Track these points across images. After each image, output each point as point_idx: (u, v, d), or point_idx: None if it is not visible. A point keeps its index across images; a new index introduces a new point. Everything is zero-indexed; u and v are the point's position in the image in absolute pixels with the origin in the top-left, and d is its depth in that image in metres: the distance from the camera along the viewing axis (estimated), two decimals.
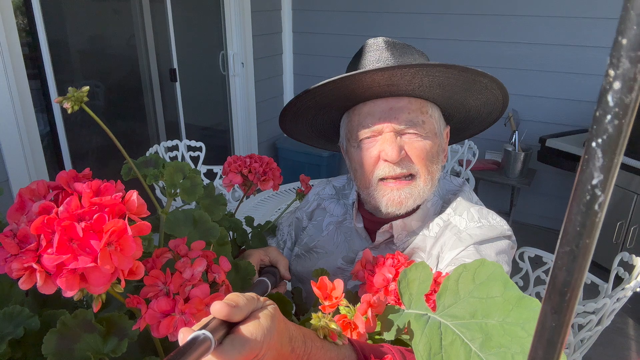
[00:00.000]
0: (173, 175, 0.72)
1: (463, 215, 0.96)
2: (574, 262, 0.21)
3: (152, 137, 3.40)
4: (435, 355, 0.58)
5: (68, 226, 0.46)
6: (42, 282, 0.47)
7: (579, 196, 0.20)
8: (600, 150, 0.19)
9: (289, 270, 0.95)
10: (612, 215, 2.87)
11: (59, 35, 2.76)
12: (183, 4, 3.33)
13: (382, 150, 0.91)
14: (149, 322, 0.56)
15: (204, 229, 0.73)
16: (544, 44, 3.16)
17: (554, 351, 0.23)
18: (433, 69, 0.84)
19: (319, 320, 0.60)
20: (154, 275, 0.59)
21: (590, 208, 0.20)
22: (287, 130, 1.08)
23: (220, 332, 0.46)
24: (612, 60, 0.18)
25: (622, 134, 0.19)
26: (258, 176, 0.97)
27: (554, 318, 0.22)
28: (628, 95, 0.18)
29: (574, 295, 0.22)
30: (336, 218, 1.10)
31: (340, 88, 0.89)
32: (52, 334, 0.58)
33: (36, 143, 2.40)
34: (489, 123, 1.05)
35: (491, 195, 3.61)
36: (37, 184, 0.52)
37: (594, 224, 0.20)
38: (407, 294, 0.66)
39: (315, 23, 3.87)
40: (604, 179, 0.19)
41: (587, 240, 0.21)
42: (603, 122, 0.19)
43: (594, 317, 1.58)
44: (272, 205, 2.42)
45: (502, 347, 0.55)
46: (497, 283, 0.60)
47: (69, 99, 0.61)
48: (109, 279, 0.49)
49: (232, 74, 3.65)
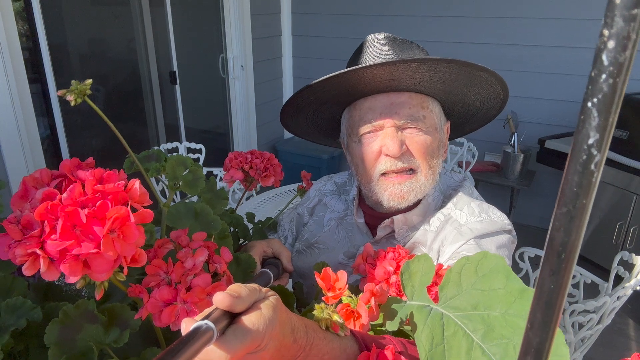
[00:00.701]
0: (175, 168, 0.73)
1: (464, 209, 0.96)
2: (571, 223, 0.21)
3: (152, 139, 3.41)
4: (437, 346, 0.58)
5: (71, 212, 0.47)
6: (46, 268, 0.47)
7: (575, 156, 0.20)
8: (595, 109, 0.20)
9: (291, 262, 0.95)
10: (612, 216, 2.87)
11: (60, 39, 2.77)
12: (183, 7, 3.35)
13: (384, 144, 0.91)
14: (151, 311, 0.56)
15: (205, 222, 0.74)
16: (543, 45, 3.18)
17: (552, 313, 0.23)
18: (434, 64, 0.85)
19: (322, 312, 0.61)
20: (156, 265, 0.59)
21: (587, 168, 0.20)
22: (288, 125, 1.09)
23: (222, 322, 0.46)
24: (606, 20, 0.19)
25: (617, 92, 0.19)
26: (259, 172, 0.97)
27: (552, 280, 0.22)
28: (622, 53, 0.19)
29: (572, 256, 0.22)
30: (337, 214, 1.11)
31: (342, 83, 0.89)
32: (55, 324, 0.58)
33: (36, 146, 2.41)
34: (489, 118, 1.06)
35: (491, 196, 3.61)
36: (41, 172, 0.53)
37: (590, 184, 0.20)
38: (410, 285, 0.66)
39: (315, 26, 3.89)
40: (600, 138, 0.20)
41: (584, 201, 0.21)
42: (598, 81, 0.19)
43: (594, 315, 1.58)
44: (272, 206, 2.42)
45: (504, 339, 0.56)
46: (500, 275, 0.60)
47: (72, 92, 0.62)
48: (112, 265, 0.49)
49: (231, 76, 3.66)
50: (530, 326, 0.24)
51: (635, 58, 0.19)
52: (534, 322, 0.23)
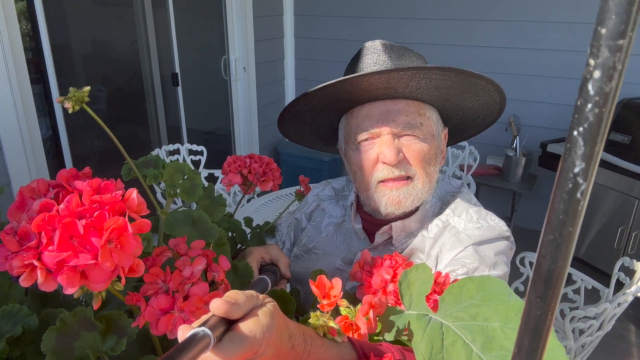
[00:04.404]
0: (173, 175, 0.73)
1: (462, 216, 0.96)
2: (558, 250, 0.21)
3: (154, 141, 3.41)
4: (436, 355, 0.58)
5: (69, 223, 0.47)
6: (43, 279, 0.47)
7: (561, 184, 0.20)
8: (581, 138, 0.20)
9: (289, 269, 0.95)
10: (614, 221, 2.87)
11: (62, 40, 2.78)
12: (185, 8, 3.35)
13: (381, 152, 0.91)
14: (148, 319, 0.56)
15: (203, 230, 0.74)
16: (545, 49, 3.17)
17: (540, 339, 0.23)
18: (430, 72, 0.85)
19: (318, 319, 0.61)
20: (154, 273, 0.59)
21: (573, 196, 0.20)
22: (286, 132, 1.09)
23: (219, 329, 0.46)
24: (592, 50, 0.19)
25: (603, 122, 0.19)
26: (257, 176, 0.97)
27: (538, 306, 0.22)
28: (608, 84, 0.19)
29: (559, 283, 0.22)
30: (335, 219, 1.11)
31: (339, 91, 0.89)
32: (52, 332, 0.58)
33: (38, 147, 2.41)
34: (487, 125, 1.06)
35: (492, 200, 3.60)
36: (38, 182, 0.53)
37: (576, 212, 0.21)
38: (408, 294, 0.66)
39: (317, 28, 3.89)
40: (586, 167, 0.20)
41: (570, 229, 0.21)
42: (584, 111, 0.19)
43: (594, 322, 1.58)
44: (273, 209, 2.42)
45: (503, 350, 0.56)
46: (502, 294, 0.60)
47: (70, 99, 0.62)
48: (109, 276, 0.49)
49: (234, 78, 3.67)
50: (518, 351, 0.24)
51: (635, 63, 0.19)
52: (522, 348, 0.23)
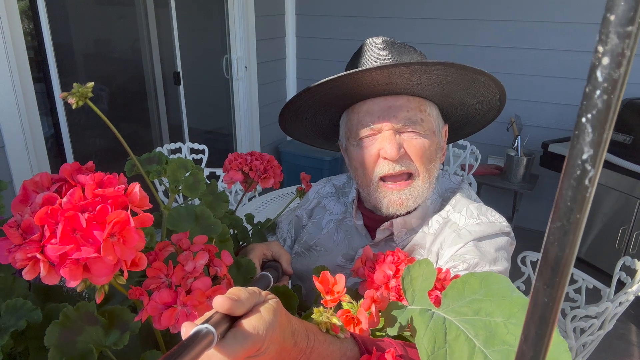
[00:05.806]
0: (176, 171, 0.73)
1: (462, 212, 0.97)
2: (565, 237, 0.21)
3: (156, 139, 3.42)
4: (439, 350, 0.58)
5: (72, 217, 0.47)
6: (46, 272, 0.47)
7: (569, 171, 0.20)
8: (589, 125, 0.20)
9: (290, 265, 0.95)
10: (615, 221, 2.87)
11: (65, 38, 2.78)
12: (187, 8, 3.36)
13: (382, 148, 0.92)
14: (150, 313, 0.56)
15: (205, 225, 0.74)
16: (546, 49, 3.17)
17: (547, 327, 0.23)
18: (431, 67, 0.85)
19: (321, 315, 0.61)
20: (157, 268, 0.59)
21: (581, 183, 0.20)
22: (286, 128, 1.09)
23: (222, 326, 0.46)
24: (600, 37, 0.19)
25: (611, 108, 0.19)
26: (259, 174, 0.97)
27: (545, 293, 0.22)
28: (616, 70, 0.19)
29: (566, 271, 0.22)
30: (336, 216, 1.11)
31: (340, 86, 0.90)
32: (55, 326, 0.58)
33: (40, 145, 2.42)
34: (487, 122, 1.06)
35: (493, 200, 3.60)
36: (41, 176, 0.53)
37: (584, 199, 0.21)
38: (410, 290, 0.66)
39: (319, 28, 3.89)
40: (594, 153, 0.20)
41: (578, 215, 0.21)
42: (592, 97, 0.19)
43: (595, 321, 1.57)
44: (275, 207, 2.42)
45: (505, 345, 0.56)
46: (505, 289, 0.60)
47: (73, 95, 0.62)
48: (112, 269, 0.49)
49: (235, 77, 3.67)
50: (525, 339, 0.24)
51: (636, 64, 0.19)
52: (528, 336, 0.23)
